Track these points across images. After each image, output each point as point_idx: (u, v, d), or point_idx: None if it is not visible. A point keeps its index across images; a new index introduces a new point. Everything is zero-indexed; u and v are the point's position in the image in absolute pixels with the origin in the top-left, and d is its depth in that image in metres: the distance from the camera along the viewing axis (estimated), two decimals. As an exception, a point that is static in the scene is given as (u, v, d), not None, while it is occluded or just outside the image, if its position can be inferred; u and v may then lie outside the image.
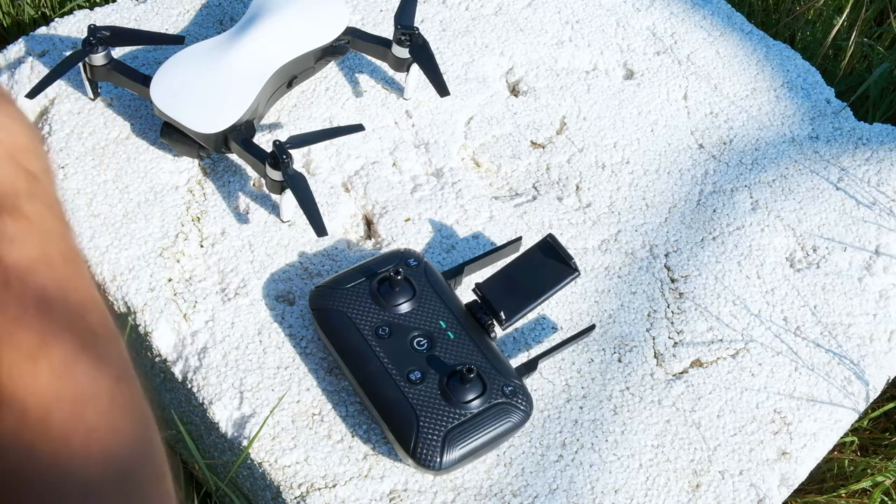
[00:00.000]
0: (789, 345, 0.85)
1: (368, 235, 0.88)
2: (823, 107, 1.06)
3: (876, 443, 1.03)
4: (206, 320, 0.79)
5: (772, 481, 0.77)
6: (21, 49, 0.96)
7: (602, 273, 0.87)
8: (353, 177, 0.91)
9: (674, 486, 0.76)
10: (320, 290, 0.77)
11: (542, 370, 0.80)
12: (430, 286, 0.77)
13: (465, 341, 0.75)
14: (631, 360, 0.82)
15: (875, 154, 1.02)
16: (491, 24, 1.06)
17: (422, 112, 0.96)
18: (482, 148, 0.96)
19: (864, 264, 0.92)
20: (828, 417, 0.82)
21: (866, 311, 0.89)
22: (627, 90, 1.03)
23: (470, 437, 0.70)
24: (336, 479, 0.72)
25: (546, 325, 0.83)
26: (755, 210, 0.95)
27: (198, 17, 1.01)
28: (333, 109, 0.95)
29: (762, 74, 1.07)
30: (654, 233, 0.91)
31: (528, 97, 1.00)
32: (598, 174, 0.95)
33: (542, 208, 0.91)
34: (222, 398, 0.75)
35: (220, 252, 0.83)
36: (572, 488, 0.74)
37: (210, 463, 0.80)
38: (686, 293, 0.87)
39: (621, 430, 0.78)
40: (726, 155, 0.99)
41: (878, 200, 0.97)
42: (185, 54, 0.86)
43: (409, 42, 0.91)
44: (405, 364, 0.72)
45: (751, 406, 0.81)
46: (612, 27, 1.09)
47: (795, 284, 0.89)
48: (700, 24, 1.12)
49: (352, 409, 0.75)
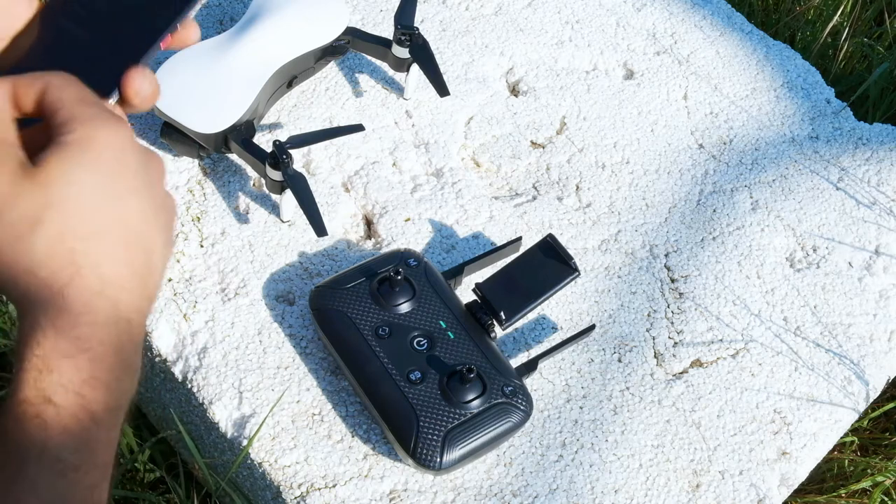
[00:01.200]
0: (789, 345, 0.85)
1: (368, 235, 0.88)
2: (823, 107, 1.06)
3: (876, 443, 1.03)
4: (206, 320, 0.79)
5: (772, 481, 0.77)
6: (21, 49, 0.96)
7: (602, 273, 0.87)
8: (353, 177, 0.91)
9: (674, 486, 0.76)
10: (320, 290, 0.77)
11: (542, 370, 0.80)
12: (430, 286, 0.77)
13: (465, 341, 0.75)
14: (631, 360, 0.82)
15: (875, 154, 1.02)
16: (491, 24, 1.06)
17: (422, 112, 0.96)
18: (482, 148, 0.96)
19: (864, 264, 0.92)
20: (828, 417, 0.82)
21: (866, 311, 0.89)
22: (627, 90, 1.03)
23: (470, 437, 0.70)
24: (336, 479, 0.72)
25: (546, 325, 0.83)
26: (755, 210, 0.95)
27: (198, 17, 1.01)
28: (333, 109, 0.95)
29: (762, 74, 1.07)
30: (654, 233, 0.91)
31: (528, 97, 1.01)
32: (598, 174, 0.95)
33: (542, 208, 0.91)
34: (222, 398, 0.75)
35: (220, 252, 0.83)
36: (572, 488, 0.74)
37: (210, 463, 0.80)
38: (686, 293, 0.87)
39: (621, 430, 0.78)
40: (726, 155, 0.99)
41: (878, 200, 0.97)
42: (185, 54, 0.86)
43: (409, 42, 0.91)
44: (405, 364, 0.72)
45: (751, 406, 0.81)
46: (612, 27, 1.09)
47: (795, 284, 0.90)
48: (700, 24, 1.12)
49: (352, 409, 0.75)
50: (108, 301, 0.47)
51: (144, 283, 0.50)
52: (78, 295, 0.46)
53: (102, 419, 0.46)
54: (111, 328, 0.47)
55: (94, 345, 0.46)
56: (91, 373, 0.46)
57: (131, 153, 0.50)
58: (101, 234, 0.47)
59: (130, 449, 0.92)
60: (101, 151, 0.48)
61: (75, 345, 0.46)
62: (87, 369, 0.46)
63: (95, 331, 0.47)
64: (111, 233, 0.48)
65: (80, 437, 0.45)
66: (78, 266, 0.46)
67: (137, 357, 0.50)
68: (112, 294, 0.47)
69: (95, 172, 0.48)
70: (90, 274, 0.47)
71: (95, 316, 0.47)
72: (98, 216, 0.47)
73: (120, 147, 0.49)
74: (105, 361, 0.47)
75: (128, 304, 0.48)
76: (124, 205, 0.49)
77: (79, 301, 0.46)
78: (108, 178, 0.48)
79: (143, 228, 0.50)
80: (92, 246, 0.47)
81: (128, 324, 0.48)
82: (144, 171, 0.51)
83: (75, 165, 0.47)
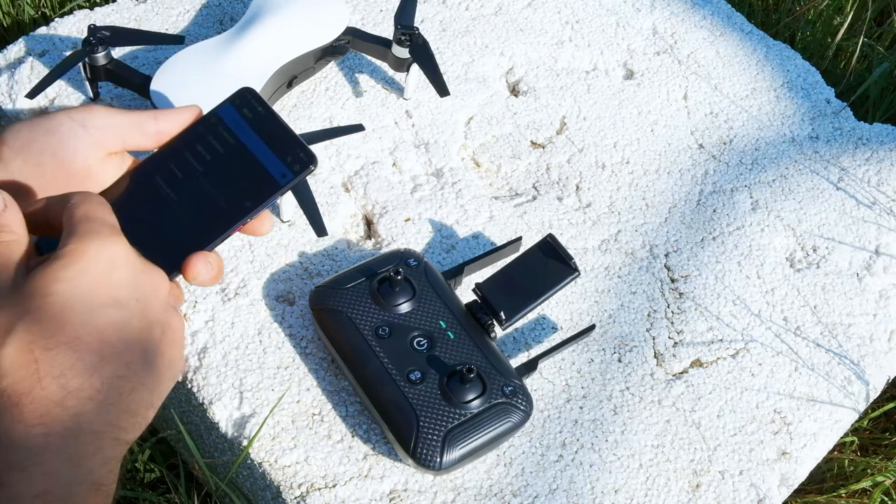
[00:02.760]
0: (789, 345, 0.85)
1: (368, 235, 0.88)
2: (823, 107, 1.06)
3: (876, 443, 1.03)
4: (206, 320, 0.79)
5: (772, 481, 0.77)
6: (21, 49, 0.96)
7: (602, 273, 0.87)
8: (353, 177, 0.91)
9: (674, 486, 0.76)
10: (320, 290, 0.77)
11: (542, 370, 0.80)
12: (430, 286, 0.77)
13: (465, 341, 0.75)
14: (631, 360, 0.82)
15: (875, 154, 1.02)
16: (491, 24, 1.06)
17: (422, 112, 0.96)
18: (482, 148, 0.96)
19: (864, 264, 0.92)
20: (828, 417, 0.82)
21: (866, 311, 0.89)
22: (627, 90, 1.03)
23: (470, 437, 0.70)
24: (336, 479, 0.72)
25: (546, 325, 0.83)
26: (755, 210, 0.95)
27: (198, 17, 1.01)
28: (333, 109, 0.95)
29: (762, 74, 1.07)
30: (654, 233, 0.91)
31: (528, 97, 1.01)
32: (598, 174, 0.95)
33: (542, 208, 0.91)
34: (222, 398, 0.75)
35: (219, 252, 0.83)
36: (572, 488, 0.74)
37: (210, 463, 0.80)
38: (686, 293, 0.87)
39: (621, 430, 0.78)
40: (726, 155, 0.99)
41: (878, 200, 0.97)
42: (185, 54, 0.86)
43: (409, 42, 0.91)
44: (405, 364, 0.72)
45: (751, 406, 0.81)
46: (612, 27, 1.09)
47: (795, 284, 0.90)
48: (700, 24, 1.12)
49: (352, 409, 0.75)
50: (67, 412, 0.45)
51: (122, 399, 0.48)
52: (35, 405, 0.45)
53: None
54: (69, 440, 0.45)
55: (48, 457, 0.44)
56: (43, 486, 0.44)
57: (122, 267, 0.49)
58: (70, 345, 0.46)
59: (130, 449, 0.92)
60: (87, 264, 0.48)
61: (27, 456, 0.44)
62: (40, 483, 0.44)
63: (50, 441, 0.45)
64: (83, 344, 0.46)
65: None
66: (39, 376, 0.45)
67: (106, 472, 0.47)
68: (73, 405, 0.45)
69: (77, 286, 0.47)
70: (51, 384, 0.45)
71: (50, 427, 0.45)
72: (70, 327, 0.46)
73: (108, 260, 0.49)
74: (59, 476, 0.45)
75: (94, 416, 0.46)
76: (103, 316, 0.48)
77: (35, 412, 0.45)
78: (88, 291, 0.47)
79: (125, 340, 0.48)
80: (58, 356, 0.46)
81: (94, 436, 0.46)
82: (134, 285, 0.50)
83: (58, 278, 0.47)
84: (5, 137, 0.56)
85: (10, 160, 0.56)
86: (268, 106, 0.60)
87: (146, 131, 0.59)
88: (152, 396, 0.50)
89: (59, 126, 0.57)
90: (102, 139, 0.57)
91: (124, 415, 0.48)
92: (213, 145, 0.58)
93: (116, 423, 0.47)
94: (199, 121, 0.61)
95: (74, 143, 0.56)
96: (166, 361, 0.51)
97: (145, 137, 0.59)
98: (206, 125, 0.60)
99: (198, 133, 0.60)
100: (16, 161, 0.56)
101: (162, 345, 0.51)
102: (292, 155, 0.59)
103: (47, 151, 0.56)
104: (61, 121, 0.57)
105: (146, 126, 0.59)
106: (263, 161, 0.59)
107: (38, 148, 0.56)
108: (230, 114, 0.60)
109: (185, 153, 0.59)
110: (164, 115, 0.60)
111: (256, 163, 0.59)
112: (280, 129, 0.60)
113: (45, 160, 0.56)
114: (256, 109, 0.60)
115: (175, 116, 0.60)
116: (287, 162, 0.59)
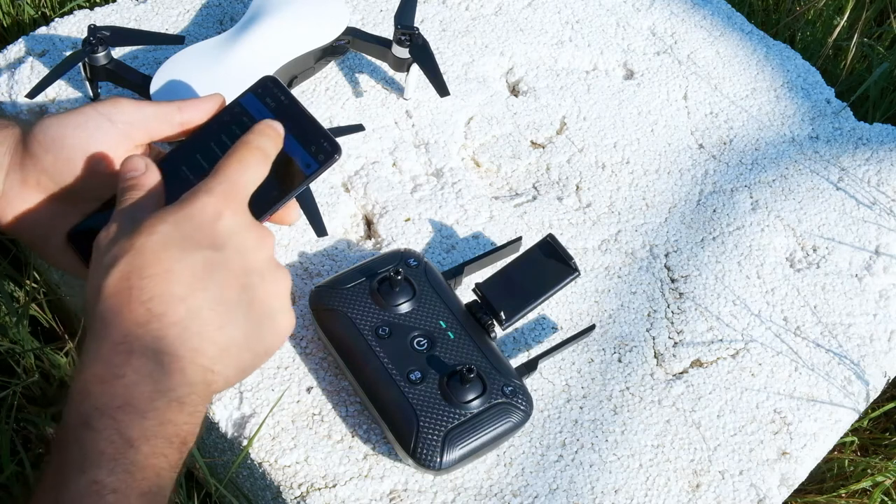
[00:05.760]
0: (789, 345, 0.85)
1: (368, 235, 0.88)
2: (823, 107, 1.06)
3: (876, 443, 1.03)
4: (206, 320, 0.79)
5: (772, 481, 0.77)
6: (21, 49, 0.96)
7: (602, 273, 0.87)
8: (353, 177, 0.91)
9: (674, 486, 0.76)
10: (320, 290, 0.77)
11: (542, 370, 0.80)
12: (430, 286, 0.77)
13: (465, 341, 0.75)
14: (631, 360, 0.82)
15: (875, 154, 1.02)
16: (491, 24, 1.06)
17: (422, 112, 0.96)
18: (482, 148, 0.96)
19: (864, 264, 0.92)
20: (828, 417, 0.82)
21: (866, 311, 0.89)
22: (627, 90, 1.03)
23: (470, 437, 0.70)
24: (336, 479, 0.72)
25: (546, 325, 0.83)
26: (755, 210, 0.95)
27: (198, 17, 1.01)
28: (333, 109, 0.95)
29: (762, 74, 1.07)
30: (654, 233, 0.91)
31: (528, 97, 1.01)
32: (598, 174, 0.95)
33: (542, 208, 0.91)
34: (222, 398, 0.75)
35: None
36: (572, 488, 0.74)
37: (210, 463, 0.80)
38: (686, 293, 0.87)
39: (621, 430, 0.78)
40: (726, 155, 0.99)
41: (878, 200, 0.97)
42: (185, 54, 0.86)
43: (409, 42, 0.91)
44: (405, 364, 0.72)
45: (751, 406, 0.81)
46: (612, 27, 1.09)
47: (795, 284, 0.90)
48: (700, 24, 1.12)
49: (352, 409, 0.75)
50: (150, 334, 0.49)
51: (207, 331, 0.51)
52: (122, 326, 0.49)
53: (139, 445, 0.47)
54: (149, 358, 0.49)
55: (128, 372, 0.48)
56: (125, 399, 0.47)
57: (229, 218, 0.53)
58: (162, 276, 0.50)
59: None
60: (193, 210, 0.52)
61: (110, 371, 0.48)
62: (122, 395, 0.47)
63: (131, 359, 0.48)
64: (174, 276, 0.50)
65: (115, 461, 0.46)
66: (130, 301, 0.49)
67: (188, 392, 0.50)
68: (156, 328, 0.49)
69: (179, 227, 0.51)
70: (139, 308, 0.49)
71: (133, 345, 0.48)
72: (166, 261, 0.50)
73: (215, 210, 0.53)
74: (139, 389, 0.48)
75: (176, 340, 0.50)
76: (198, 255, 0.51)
77: (121, 332, 0.49)
78: (189, 233, 0.51)
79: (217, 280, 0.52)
80: (149, 285, 0.50)
81: (175, 358, 0.49)
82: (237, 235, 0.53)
83: (165, 220, 0.51)
84: (35, 133, 0.59)
85: (42, 156, 0.58)
86: (291, 94, 0.60)
87: (171, 122, 0.61)
88: (248, 340, 0.53)
89: (87, 121, 0.59)
90: (130, 132, 0.59)
91: (210, 346, 0.51)
92: (237, 135, 0.58)
93: (201, 350, 0.51)
94: (223, 110, 0.60)
95: (103, 138, 0.59)
96: (265, 310, 0.54)
97: (171, 128, 0.61)
98: (229, 115, 0.60)
99: (222, 123, 0.60)
100: (47, 157, 0.58)
101: (259, 292, 0.54)
102: (316, 145, 0.58)
103: (77, 147, 0.58)
104: (89, 115, 0.59)
105: (171, 117, 0.60)
106: (288, 151, 0.59)
107: (68, 143, 0.58)
108: (253, 103, 0.60)
109: (210, 143, 0.59)
110: (188, 106, 0.61)
111: (281, 153, 0.58)
112: (304, 119, 0.59)
113: (75, 155, 0.58)
114: (279, 98, 0.60)
115: (199, 107, 0.61)
116: (311, 152, 0.58)
